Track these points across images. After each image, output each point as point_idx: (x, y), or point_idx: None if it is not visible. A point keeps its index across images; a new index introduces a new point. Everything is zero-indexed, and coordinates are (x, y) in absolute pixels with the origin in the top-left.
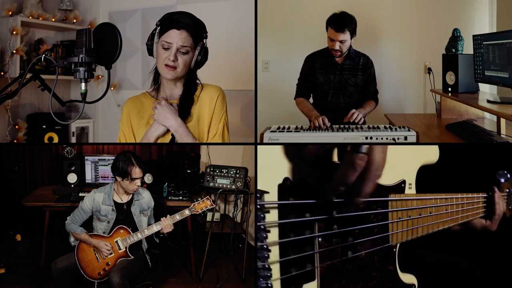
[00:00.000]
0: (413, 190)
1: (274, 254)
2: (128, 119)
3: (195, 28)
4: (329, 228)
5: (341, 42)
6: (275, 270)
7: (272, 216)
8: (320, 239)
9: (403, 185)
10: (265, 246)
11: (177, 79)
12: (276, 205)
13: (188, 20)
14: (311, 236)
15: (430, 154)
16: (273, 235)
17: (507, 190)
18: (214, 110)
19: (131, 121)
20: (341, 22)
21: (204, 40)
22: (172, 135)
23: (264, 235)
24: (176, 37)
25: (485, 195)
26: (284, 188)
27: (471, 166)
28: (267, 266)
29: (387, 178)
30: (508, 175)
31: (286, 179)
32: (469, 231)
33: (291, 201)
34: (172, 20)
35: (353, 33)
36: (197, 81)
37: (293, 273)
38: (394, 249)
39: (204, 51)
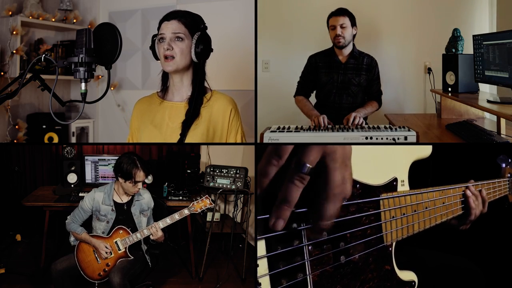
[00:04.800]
0: (406, 187)
1: (263, 267)
2: (135, 121)
3: (187, 18)
4: None
5: (341, 27)
6: (265, 284)
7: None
8: (310, 247)
9: (394, 183)
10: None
11: (180, 72)
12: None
13: (180, 12)
14: (299, 246)
15: (422, 149)
16: (261, 248)
17: (509, 174)
18: (230, 125)
19: (138, 123)
20: (339, 9)
21: (203, 31)
22: (181, 135)
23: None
24: (168, 27)
25: (489, 182)
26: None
27: (466, 159)
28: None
29: (376, 178)
30: (509, 160)
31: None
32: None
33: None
34: (163, 17)
35: (353, 23)
36: (207, 85)
37: (284, 285)
38: (390, 249)
39: (203, 39)
